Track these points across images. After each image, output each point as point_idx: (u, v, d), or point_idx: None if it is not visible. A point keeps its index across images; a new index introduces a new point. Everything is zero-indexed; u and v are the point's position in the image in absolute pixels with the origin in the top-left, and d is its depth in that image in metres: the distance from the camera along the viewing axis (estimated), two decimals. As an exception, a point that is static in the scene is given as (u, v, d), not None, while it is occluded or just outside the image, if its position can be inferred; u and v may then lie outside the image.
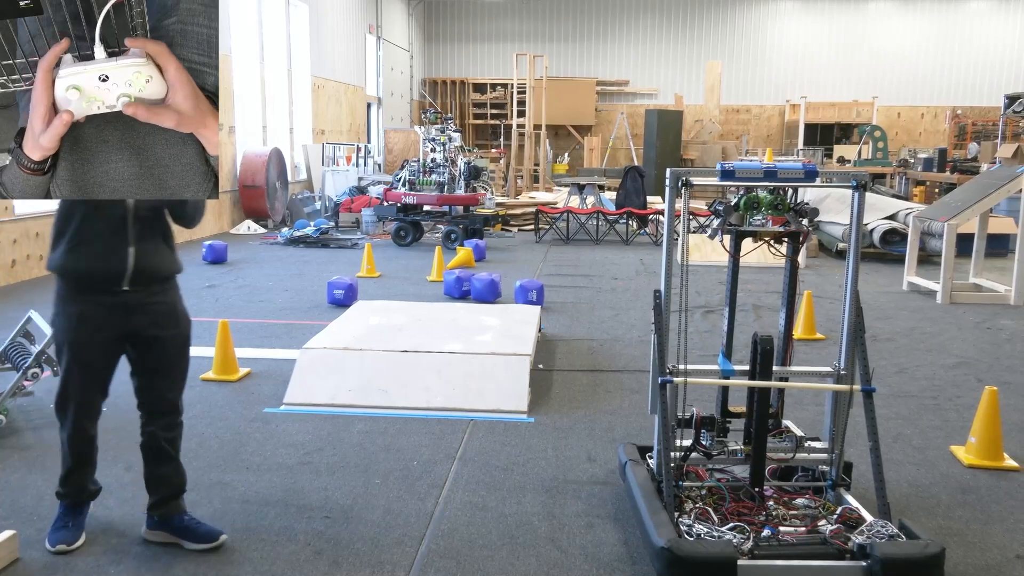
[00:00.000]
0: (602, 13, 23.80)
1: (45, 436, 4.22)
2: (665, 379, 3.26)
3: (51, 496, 3.51)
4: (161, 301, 3.01)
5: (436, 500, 3.57)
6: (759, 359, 3.30)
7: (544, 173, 18.33)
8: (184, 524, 3.16)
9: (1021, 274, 8.02)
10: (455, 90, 24.21)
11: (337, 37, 17.40)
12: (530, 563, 3.05)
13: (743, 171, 3.22)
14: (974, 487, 3.80)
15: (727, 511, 3.15)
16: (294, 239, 11.50)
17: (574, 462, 4.01)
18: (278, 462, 3.94)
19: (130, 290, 2.91)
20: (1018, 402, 5.04)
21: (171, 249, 3.04)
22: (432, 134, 11.82)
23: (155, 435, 3.13)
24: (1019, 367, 5.85)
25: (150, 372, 3.08)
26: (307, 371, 4.87)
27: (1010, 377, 5.58)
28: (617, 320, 7.10)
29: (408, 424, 4.47)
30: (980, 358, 6.08)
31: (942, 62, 23.04)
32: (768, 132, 23.86)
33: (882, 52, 23.07)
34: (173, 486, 3.19)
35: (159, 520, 3.17)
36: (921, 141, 22.84)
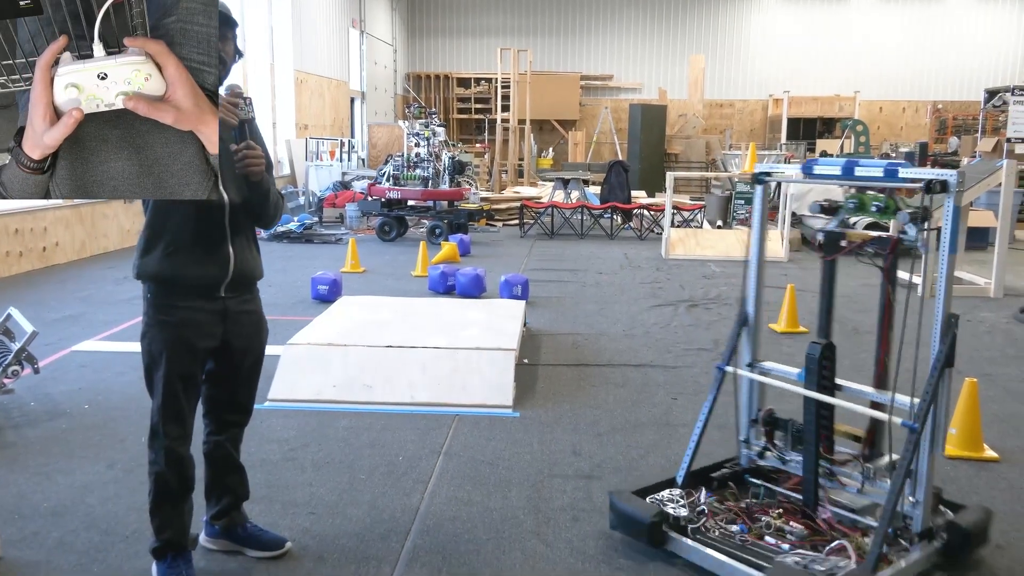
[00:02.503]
0: (586, 7, 23.78)
1: (27, 434, 4.18)
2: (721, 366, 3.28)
3: (33, 494, 3.48)
4: (252, 310, 2.92)
5: (421, 495, 3.57)
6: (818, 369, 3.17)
7: (529, 168, 18.32)
8: (248, 533, 3.05)
9: (1001, 267, 8.10)
10: (439, 85, 24.12)
11: (320, 31, 17.29)
12: (516, 557, 3.06)
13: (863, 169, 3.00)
14: (955, 477, 3.84)
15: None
16: (277, 234, 11.43)
17: (559, 456, 4.02)
18: (263, 458, 3.92)
19: (226, 296, 2.78)
20: (997, 394, 5.10)
21: (259, 252, 2.94)
22: (416, 129, 11.78)
23: (222, 444, 2.97)
24: (998, 359, 5.92)
25: (232, 382, 2.92)
26: (291, 367, 4.85)
27: (990, 369, 5.64)
28: (602, 314, 7.12)
29: (393, 420, 4.46)
30: (960, 350, 6.11)
31: (923, 57, 23.19)
32: (751, 126, 23.94)
33: (864, 47, 23.19)
34: (237, 495, 3.05)
35: (222, 529, 3.04)
36: (902, 135, 23.00)
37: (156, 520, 2.78)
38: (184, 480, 2.79)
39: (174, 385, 2.71)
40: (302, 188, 14.88)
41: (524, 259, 10.19)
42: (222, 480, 3.01)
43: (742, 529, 3.05)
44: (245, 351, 2.89)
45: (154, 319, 2.73)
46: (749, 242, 3.40)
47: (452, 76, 24.04)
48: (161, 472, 2.74)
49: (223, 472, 3.00)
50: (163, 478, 2.74)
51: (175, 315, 2.70)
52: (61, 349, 5.75)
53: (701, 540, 2.99)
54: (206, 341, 2.76)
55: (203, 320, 2.74)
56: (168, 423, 2.72)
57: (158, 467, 2.74)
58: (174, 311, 2.71)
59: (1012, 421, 4.60)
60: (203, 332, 2.74)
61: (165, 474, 2.74)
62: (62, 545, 3.09)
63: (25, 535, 3.15)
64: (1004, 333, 6.69)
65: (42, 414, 4.49)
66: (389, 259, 10.02)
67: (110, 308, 7.01)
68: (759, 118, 23.91)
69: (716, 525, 3.09)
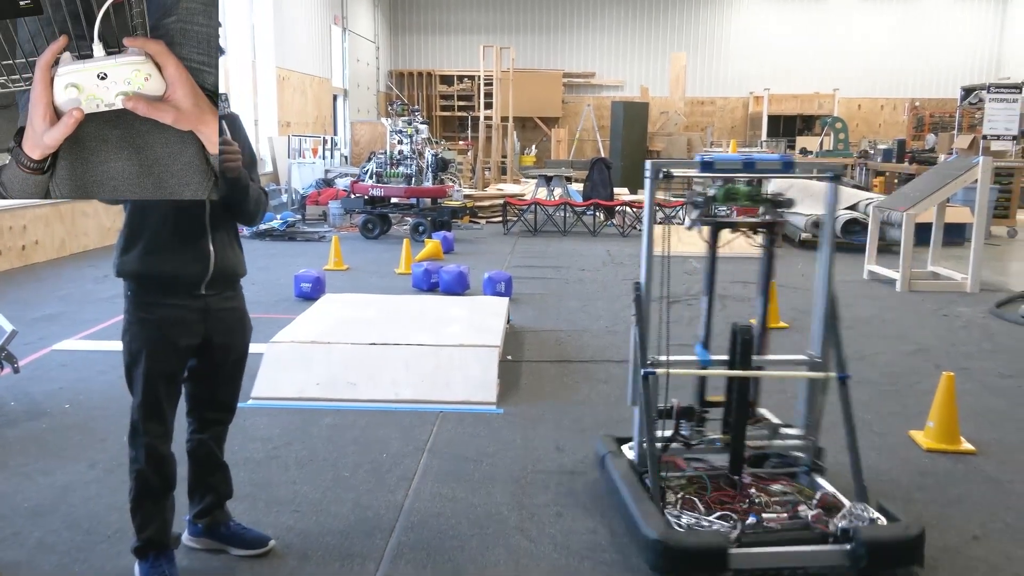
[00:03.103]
0: (568, 5, 23.78)
1: (6, 434, 4.14)
2: (648, 371, 3.27)
3: (13, 494, 3.45)
4: (234, 307, 2.89)
5: (406, 492, 3.56)
6: (739, 348, 3.31)
7: (511, 165, 18.31)
8: (231, 531, 3.04)
9: (977, 262, 8.19)
10: (422, 82, 24.04)
11: (302, 28, 17.18)
12: (500, 553, 3.06)
13: (722, 163, 3.24)
14: (932, 471, 3.88)
15: (710, 500, 3.17)
16: (260, 232, 11.36)
17: (543, 452, 4.03)
18: (246, 456, 3.90)
19: (207, 293, 2.76)
20: (974, 387, 5.16)
21: (241, 249, 2.92)
22: (399, 126, 11.73)
23: (205, 443, 2.96)
24: (975, 353, 5.98)
25: (214, 379, 2.91)
26: (274, 365, 4.82)
27: (966, 363, 5.70)
28: (585, 311, 7.13)
29: (377, 417, 4.45)
30: (938, 345, 6.21)
31: (901, 56, 23.40)
32: (732, 124, 24.05)
33: (843, 45, 23.36)
34: (220, 494, 3.04)
35: (205, 528, 3.03)
36: (881, 132, 23.19)
37: (137, 519, 2.77)
38: (165, 478, 2.77)
39: (155, 383, 2.70)
40: (284, 186, 14.78)
41: (507, 256, 10.19)
42: (205, 478, 2.99)
43: (755, 520, 3.02)
44: (227, 348, 2.87)
45: (135, 316, 2.71)
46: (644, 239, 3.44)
47: (435, 73, 23.98)
48: (142, 470, 2.72)
49: (206, 470, 2.99)
50: (144, 476, 2.73)
51: (156, 312, 2.69)
52: (41, 348, 5.68)
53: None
54: (188, 338, 2.74)
55: (184, 317, 2.72)
56: (149, 421, 2.71)
57: (139, 465, 2.72)
58: (155, 308, 2.69)
59: (988, 415, 4.66)
60: (185, 329, 2.72)
61: (146, 472, 2.72)
62: (43, 545, 3.06)
63: (5, 535, 3.12)
64: (980, 328, 6.77)
65: (22, 414, 4.44)
66: (372, 257, 9.98)
67: (90, 307, 6.94)
68: (740, 115, 24.03)
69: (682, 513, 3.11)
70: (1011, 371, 5.53)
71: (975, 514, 3.42)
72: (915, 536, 2.86)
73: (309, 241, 11.29)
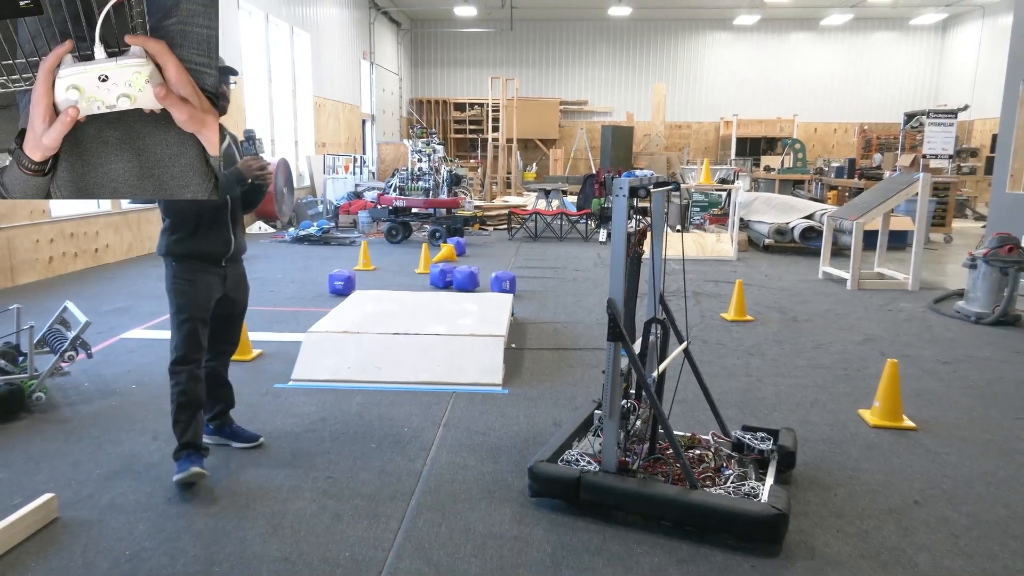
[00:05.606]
0: (565, 42, 23.73)
1: (81, 410, 4.14)
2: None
3: (87, 461, 3.45)
4: (241, 273, 3.49)
5: (424, 461, 3.56)
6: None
7: (515, 180, 18.28)
8: (233, 431, 3.65)
9: (917, 264, 8.16)
10: (438, 108, 24.01)
11: (336, 62, 17.17)
12: (505, 513, 3.05)
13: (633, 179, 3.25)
14: (878, 444, 3.86)
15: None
16: (299, 238, 11.36)
17: (543, 427, 4.02)
18: (287, 430, 3.90)
19: (226, 265, 3.35)
20: (914, 372, 5.13)
21: (244, 232, 3.49)
22: (419, 146, 11.74)
23: (216, 369, 3.53)
24: (915, 343, 5.95)
25: (227, 322, 3.47)
26: (311, 351, 4.82)
27: (908, 351, 5.67)
28: (578, 305, 7.11)
29: (399, 396, 4.44)
30: (883, 335, 6.18)
31: (852, 85, 23.31)
32: (706, 144, 23.97)
33: (801, 76, 23.28)
34: (227, 403, 3.64)
35: (215, 428, 3.63)
36: (834, 152, 23.10)
37: (178, 428, 3.24)
38: (198, 396, 3.26)
39: (196, 324, 3.23)
40: (320, 197, 14.79)
41: (512, 258, 10.17)
42: (216, 392, 3.58)
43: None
44: (236, 301, 3.48)
45: (181, 279, 3.23)
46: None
47: (450, 101, 23.95)
48: (184, 389, 3.20)
49: (217, 387, 3.57)
50: (186, 393, 3.21)
51: (197, 276, 3.24)
52: (111, 336, 5.69)
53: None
54: (215, 294, 3.32)
55: (213, 282, 3.31)
56: (193, 351, 3.23)
57: (182, 386, 3.20)
58: (196, 274, 3.24)
59: (927, 395, 4.63)
60: (214, 289, 3.31)
61: (188, 390, 3.21)
62: (113, 506, 3.07)
63: (80, 498, 3.12)
64: (920, 321, 6.74)
65: (95, 393, 4.45)
66: (396, 259, 9.98)
67: (154, 301, 6.94)
68: (712, 137, 23.95)
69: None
70: (947, 358, 5.50)
71: (916, 482, 3.41)
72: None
73: (342, 245, 11.28)
